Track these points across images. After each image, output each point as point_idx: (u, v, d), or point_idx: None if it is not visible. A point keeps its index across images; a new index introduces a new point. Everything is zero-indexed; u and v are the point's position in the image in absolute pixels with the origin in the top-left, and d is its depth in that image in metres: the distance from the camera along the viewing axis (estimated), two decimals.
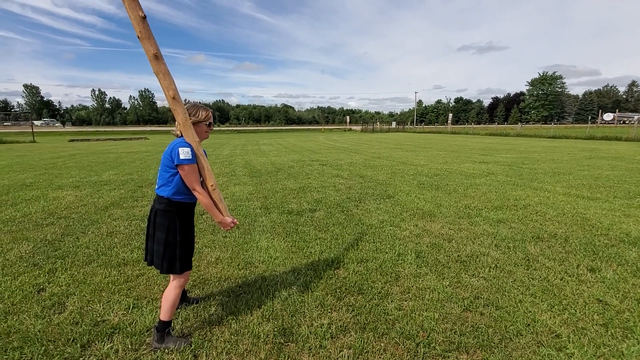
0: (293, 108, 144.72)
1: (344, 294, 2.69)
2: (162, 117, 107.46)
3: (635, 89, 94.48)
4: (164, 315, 2.07)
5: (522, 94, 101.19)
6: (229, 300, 2.60)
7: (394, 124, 68.92)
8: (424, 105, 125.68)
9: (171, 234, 2.01)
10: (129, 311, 2.46)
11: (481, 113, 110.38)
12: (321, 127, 67.25)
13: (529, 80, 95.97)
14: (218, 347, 2.08)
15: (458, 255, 3.42)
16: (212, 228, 4.33)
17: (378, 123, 65.64)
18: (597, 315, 2.38)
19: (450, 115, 62.03)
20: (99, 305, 2.52)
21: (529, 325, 2.26)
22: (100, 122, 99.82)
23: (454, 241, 3.82)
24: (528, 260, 3.30)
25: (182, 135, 1.99)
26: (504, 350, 2.02)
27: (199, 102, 2.16)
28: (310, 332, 2.20)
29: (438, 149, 16.55)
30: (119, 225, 4.50)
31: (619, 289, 2.73)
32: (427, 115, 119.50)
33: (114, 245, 3.77)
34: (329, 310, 2.46)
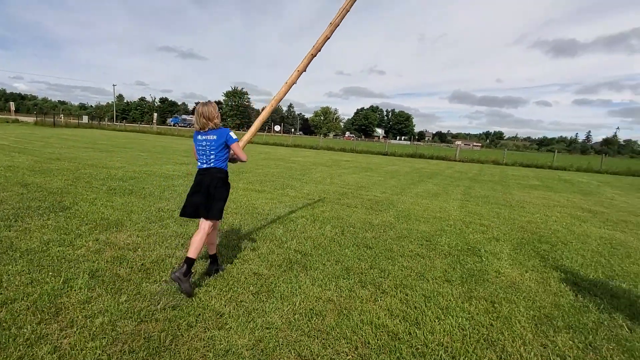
0: None
1: None
2: None
3: (292, 109, 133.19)
4: (192, 254, 2.75)
5: (221, 102, 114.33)
6: None
7: (85, 118, 57.03)
8: (126, 101, 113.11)
9: (226, 193, 3.09)
10: None
11: None
12: None
13: (225, 92, 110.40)
14: None
15: (142, 264, 3.26)
16: None
17: (62, 116, 52.03)
18: (252, 286, 3.01)
19: (156, 114, 59.74)
20: None
21: (199, 315, 2.50)
22: None
23: (140, 249, 3.62)
24: (207, 252, 3.67)
25: (215, 128, 3.04)
26: (174, 350, 2.10)
27: None
28: None
29: (140, 150, 15.39)
30: None
31: (268, 260, 3.61)
32: (130, 113, 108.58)
33: None
34: None
